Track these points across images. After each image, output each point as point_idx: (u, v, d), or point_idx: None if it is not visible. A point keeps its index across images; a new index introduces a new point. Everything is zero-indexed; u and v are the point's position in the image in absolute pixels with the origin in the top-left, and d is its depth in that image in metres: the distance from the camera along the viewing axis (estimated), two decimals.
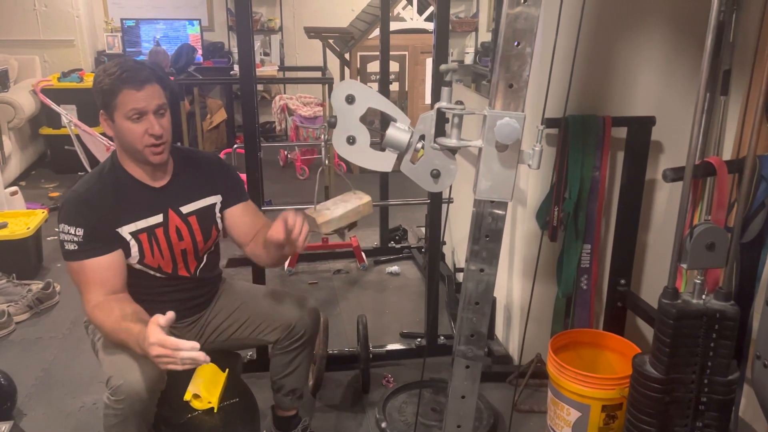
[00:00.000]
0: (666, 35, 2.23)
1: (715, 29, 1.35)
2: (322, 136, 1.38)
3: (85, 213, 1.65)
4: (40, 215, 3.48)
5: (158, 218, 1.75)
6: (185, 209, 1.79)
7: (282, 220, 1.61)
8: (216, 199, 1.84)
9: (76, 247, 1.64)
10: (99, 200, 1.68)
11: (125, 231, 1.70)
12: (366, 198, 1.54)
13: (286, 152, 5.60)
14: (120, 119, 1.64)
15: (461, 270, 2.98)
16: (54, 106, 4.13)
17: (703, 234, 1.46)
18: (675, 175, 1.80)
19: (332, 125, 1.37)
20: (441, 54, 2.28)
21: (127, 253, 1.71)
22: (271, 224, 1.72)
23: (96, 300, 1.62)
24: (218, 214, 1.85)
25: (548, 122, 2.11)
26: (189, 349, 1.40)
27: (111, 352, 1.66)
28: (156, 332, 1.43)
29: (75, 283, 1.68)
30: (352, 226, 1.62)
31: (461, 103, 1.30)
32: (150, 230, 1.73)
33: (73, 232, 1.63)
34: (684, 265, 1.48)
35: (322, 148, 1.37)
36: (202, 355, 1.41)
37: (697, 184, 1.90)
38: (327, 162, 1.50)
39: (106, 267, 1.66)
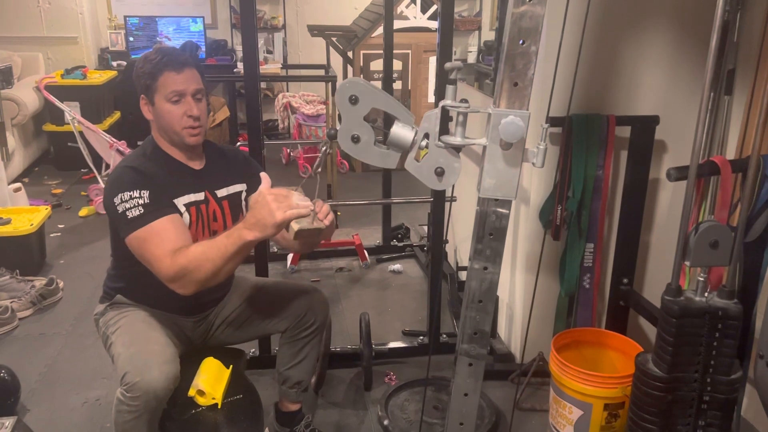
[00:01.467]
0: (670, 35, 2.23)
1: (719, 29, 1.36)
2: (323, 149, 1.37)
3: (146, 179, 1.67)
4: (43, 212, 3.48)
5: (201, 196, 1.79)
6: (219, 193, 1.84)
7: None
8: (242, 187, 1.89)
9: (142, 211, 1.61)
10: (153, 172, 1.71)
11: (180, 203, 1.73)
12: (295, 227, 1.50)
13: (288, 150, 5.60)
14: (160, 101, 1.70)
15: (464, 268, 2.98)
16: (57, 102, 4.15)
17: (707, 231, 1.46)
18: (679, 174, 1.81)
19: (332, 137, 1.40)
20: (445, 52, 2.28)
21: None
22: None
23: (173, 250, 1.57)
24: (244, 202, 1.89)
25: (552, 121, 2.11)
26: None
27: (128, 348, 1.66)
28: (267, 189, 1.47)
29: (142, 253, 1.61)
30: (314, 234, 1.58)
31: (466, 101, 1.31)
32: (197, 205, 1.77)
33: (137, 195, 1.63)
34: (687, 263, 1.48)
35: (319, 158, 1.37)
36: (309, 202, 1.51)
37: (701, 184, 1.90)
38: (319, 170, 1.49)
39: (175, 222, 1.65)
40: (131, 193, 1.63)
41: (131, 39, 5.82)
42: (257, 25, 5.19)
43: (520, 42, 1.25)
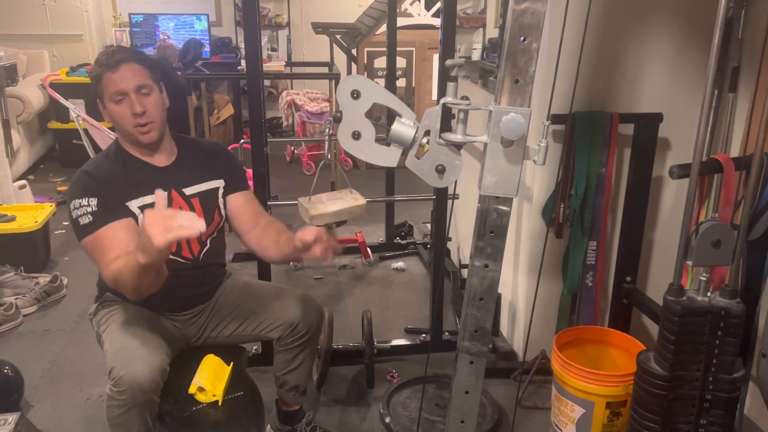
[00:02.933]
0: (674, 31, 2.22)
1: (723, 26, 1.35)
2: (327, 131, 1.38)
3: (97, 185, 1.67)
4: (48, 209, 3.49)
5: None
6: (188, 191, 1.80)
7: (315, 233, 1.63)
8: (219, 184, 1.86)
9: (91, 218, 1.63)
10: (108, 175, 1.71)
11: (134, 205, 1.71)
12: (361, 200, 1.53)
13: (292, 148, 5.61)
14: (108, 104, 1.69)
15: (467, 266, 2.98)
16: (62, 100, 4.15)
17: (709, 231, 1.45)
18: (681, 171, 1.80)
19: (338, 120, 1.37)
20: (448, 50, 2.28)
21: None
22: (278, 222, 1.85)
23: (112, 258, 1.57)
24: (221, 199, 1.86)
25: (555, 118, 2.11)
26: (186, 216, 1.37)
27: (114, 343, 1.67)
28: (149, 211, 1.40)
29: (93, 258, 1.65)
30: (341, 223, 1.62)
31: (467, 98, 1.30)
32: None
33: (86, 203, 1.64)
34: (689, 262, 1.47)
35: (326, 143, 1.38)
36: (201, 222, 1.35)
37: (704, 182, 1.89)
38: (330, 156, 1.51)
39: (122, 228, 1.65)
40: (80, 201, 1.64)
41: (136, 36, 5.83)
42: (261, 23, 5.18)
43: (522, 39, 1.25)
